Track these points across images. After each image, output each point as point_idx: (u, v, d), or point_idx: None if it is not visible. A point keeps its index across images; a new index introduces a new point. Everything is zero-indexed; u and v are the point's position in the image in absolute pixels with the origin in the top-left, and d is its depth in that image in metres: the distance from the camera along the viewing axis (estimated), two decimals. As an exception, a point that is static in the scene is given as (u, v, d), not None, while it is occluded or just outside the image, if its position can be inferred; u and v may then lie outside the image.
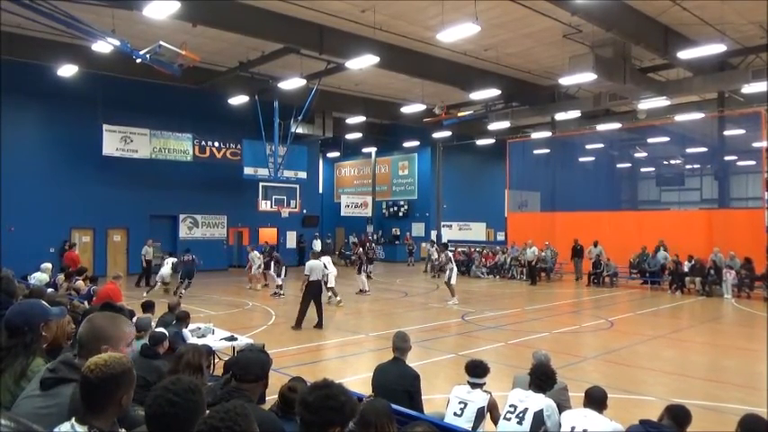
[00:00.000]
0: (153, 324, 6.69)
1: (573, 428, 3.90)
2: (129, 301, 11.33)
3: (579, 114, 24.67)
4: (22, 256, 15.55)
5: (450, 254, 16.93)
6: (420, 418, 3.78)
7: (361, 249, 20.45)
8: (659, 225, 22.02)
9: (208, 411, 1.91)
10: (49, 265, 12.42)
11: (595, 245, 20.93)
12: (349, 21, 15.65)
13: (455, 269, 16.20)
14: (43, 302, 3.06)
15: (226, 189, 24.86)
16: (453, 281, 15.92)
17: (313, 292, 12.01)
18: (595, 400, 4.15)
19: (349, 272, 25.92)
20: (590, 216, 23.57)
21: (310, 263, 12.36)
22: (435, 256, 23.14)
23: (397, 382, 4.87)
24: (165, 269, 17.19)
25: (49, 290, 8.98)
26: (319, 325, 11.93)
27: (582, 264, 21.66)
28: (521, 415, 4.08)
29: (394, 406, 3.94)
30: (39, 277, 11.48)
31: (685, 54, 15.53)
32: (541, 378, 4.36)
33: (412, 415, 3.87)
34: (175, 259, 17.85)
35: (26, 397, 2.26)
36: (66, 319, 3.24)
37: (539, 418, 4.03)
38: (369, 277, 21.61)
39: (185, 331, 7.33)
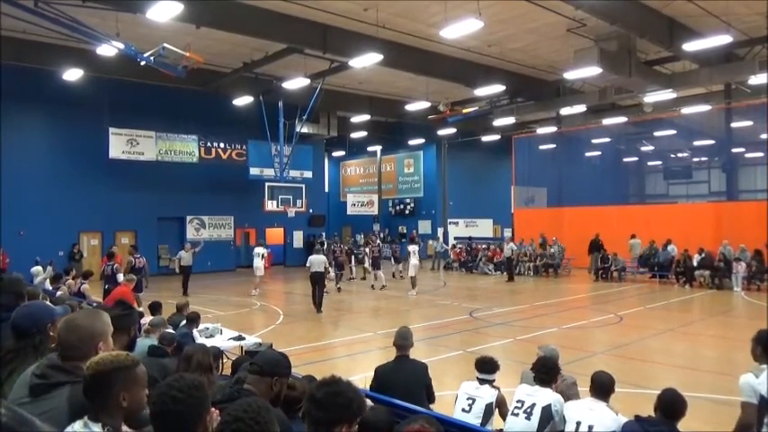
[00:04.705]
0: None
1: (578, 424, 3.83)
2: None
3: (585, 109, 24.53)
4: (32, 260, 15.71)
5: (415, 248, 17.72)
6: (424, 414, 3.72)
7: (366, 249, 20.41)
8: (667, 219, 21.90)
9: (229, 406, 1.97)
10: (39, 268, 13.87)
11: (633, 236, 21.01)
12: (352, 19, 15.63)
13: (416, 263, 17.34)
14: (47, 303, 3.08)
15: (232, 190, 24.92)
16: (412, 273, 17.26)
17: (315, 280, 14.22)
18: (601, 387, 4.02)
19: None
20: (597, 211, 23.47)
21: (311, 258, 14.66)
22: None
23: (416, 377, 4.82)
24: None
25: (59, 293, 9.09)
26: (318, 308, 14.04)
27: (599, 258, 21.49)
28: (528, 410, 4.03)
29: (414, 407, 3.88)
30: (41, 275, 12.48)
31: (691, 46, 15.42)
32: (543, 371, 4.28)
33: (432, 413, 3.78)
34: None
35: (16, 405, 2.12)
36: None
37: (547, 412, 3.97)
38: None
39: (194, 332, 7.36)
